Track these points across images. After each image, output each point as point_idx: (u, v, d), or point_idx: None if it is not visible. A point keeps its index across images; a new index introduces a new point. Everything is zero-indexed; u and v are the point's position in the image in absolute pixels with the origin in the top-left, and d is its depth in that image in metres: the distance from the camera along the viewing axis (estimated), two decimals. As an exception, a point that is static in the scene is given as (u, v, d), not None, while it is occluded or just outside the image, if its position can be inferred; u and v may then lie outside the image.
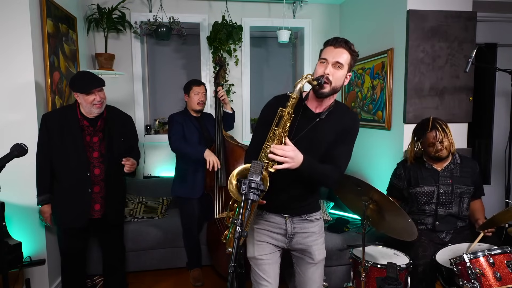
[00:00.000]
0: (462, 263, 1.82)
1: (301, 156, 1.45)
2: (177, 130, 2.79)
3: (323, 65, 1.52)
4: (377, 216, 2.03)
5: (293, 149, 1.44)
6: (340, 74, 1.51)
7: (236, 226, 1.24)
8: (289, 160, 1.42)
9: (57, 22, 2.69)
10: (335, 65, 1.50)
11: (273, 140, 1.47)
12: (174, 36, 3.59)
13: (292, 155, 1.42)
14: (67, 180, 2.21)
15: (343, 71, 1.52)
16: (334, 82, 1.51)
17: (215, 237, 2.81)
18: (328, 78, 1.49)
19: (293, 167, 1.44)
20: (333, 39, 1.53)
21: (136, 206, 3.26)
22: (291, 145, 1.45)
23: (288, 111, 1.45)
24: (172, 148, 2.76)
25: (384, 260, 2.05)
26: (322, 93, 1.52)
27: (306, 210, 1.70)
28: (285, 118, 1.46)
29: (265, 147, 1.48)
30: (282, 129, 1.46)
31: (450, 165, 2.26)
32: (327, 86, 1.50)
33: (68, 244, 2.32)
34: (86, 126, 2.24)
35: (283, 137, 1.47)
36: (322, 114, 1.58)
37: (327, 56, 1.51)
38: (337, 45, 1.51)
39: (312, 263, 1.71)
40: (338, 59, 1.50)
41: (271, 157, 1.42)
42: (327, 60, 1.51)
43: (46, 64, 2.50)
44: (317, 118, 1.58)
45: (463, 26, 2.60)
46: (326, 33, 3.89)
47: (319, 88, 1.50)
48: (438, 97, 2.62)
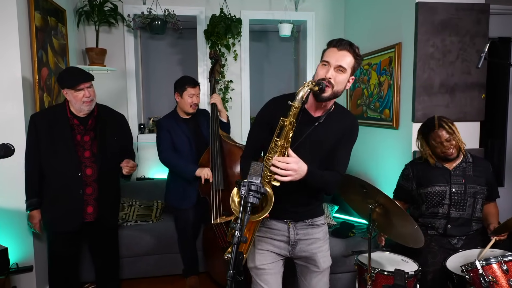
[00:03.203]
0: (474, 270, 1.82)
1: (305, 166, 1.47)
2: (165, 138, 2.77)
3: (325, 68, 1.52)
4: (384, 220, 2.03)
5: (295, 160, 1.45)
6: (342, 78, 1.52)
7: (235, 230, 1.24)
8: (292, 173, 1.43)
9: (45, 15, 2.70)
10: (338, 69, 1.51)
11: (275, 151, 1.48)
12: (169, 30, 3.60)
13: (295, 167, 1.43)
14: (57, 181, 2.22)
15: (346, 75, 1.53)
16: (336, 86, 1.52)
17: (212, 243, 2.81)
18: (330, 82, 1.50)
19: (297, 179, 1.46)
20: (337, 41, 1.53)
21: (129, 209, 3.27)
22: (294, 157, 1.46)
23: (290, 121, 1.46)
24: (161, 160, 2.78)
25: (392, 267, 2.05)
26: (323, 97, 1.53)
27: (309, 215, 1.70)
28: (287, 128, 1.46)
29: (267, 159, 1.49)
30: (284, 140, 1.47)
31: (462, 164, 2.26)
32: (329, 90, 1.51)
33: (59, 249, 2.33)
34: (76, 125, 2.25)
35: (285, 148, 1.48)
36: (320, 118, 1.60)
37: (330, 59, 1.51)
38: (341, 47, 1.51)
39: (317, 271, 1.71)
40: (341, 63, 1.50)
41: (274, 170, 1.43)
42: (329, 63, 1.51)
43: (33, 60, 2.51)
44: (316, 122, 1.59)
45: (475, 19, 2.60)
46: (330, 26, 3.89)
47: (320, 92, 1.51)
48: (449, 94, 2.62)
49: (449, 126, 2.18)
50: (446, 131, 2.17)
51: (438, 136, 2.18)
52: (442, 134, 2.17)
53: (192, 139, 2.83)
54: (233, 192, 1.46)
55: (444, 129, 2.17)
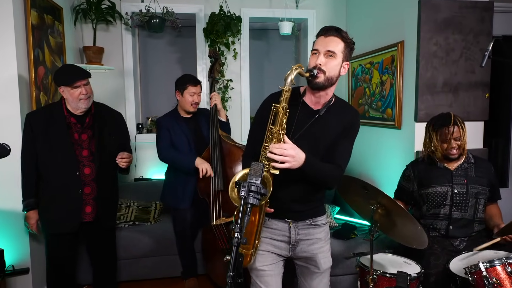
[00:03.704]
0: (478, 272, 1.82)
1: (303, 154, 1.46)
2: (164, 137, 2.78)
3: (315, 56, 1.55)
4: (386, 221, 2.03)
5: (292, 147, 1.45)
6: (333, 63, 1.53)
7: (235, 232, 1.24)
8: (289, 159, 1.42)
9: (42, 12, 2.69)
10: (327, 54, 1.52)
11: (271, 139, 1.48)
12: (168, 28, 3.59)
13: (292, 153, 1.43)
14: (55, 181, 2.22)
15: (337, 59, 1.54)
16: (328, 72, 1.52)
17: (211, 245, 2.81)
18: (321, 68, 1.51)
19: (295, 166, 1.45)
20: (323, 29, 1.57)
21: (127, 210, 3.26)
22: (289, 143, 1.46)
23: (282, 106, 1.47)
24: (161, 158, 2.78)
25: (394, 269, 2.05)
26: (317, 83, 1.53)
27: (311, 214, 1.70)
28: (280, 114, 1.47)
29: (264, 148, 1.49)
30: (279, 126, 1.47)
31: (464, 165, 2.27)
32: (321, 75, 1.52)
33: (57, 250, 2.32)
34: (73, 123, 2.24)
35: (281, 135, 1.48)
36: (321, 111, 1.60)
37: (318, 46, 1.54)
38: (327, 34, 1.54)
39: (318, 272, 1.71)
40: (329, 48, 1.52)
41: (270, 157, 1.43)
42: (318, 50, 1.54)
43: (30, 58, 2.51)
44: (316, 114, 1.60)
45: (479, 17, 2.59)
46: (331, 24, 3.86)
47: (312, 78, 1.52)
48: (452, 93, 2.62)
49: (462, 126, 2.20)
50: (458, 129, 2.18)
51: (450, 132, 2.18)
52: (455, 131, 2.18)
53: (192, 138, 2.83)
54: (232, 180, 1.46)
55: (457, 127, 2.18)
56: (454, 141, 2.19)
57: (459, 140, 2.19)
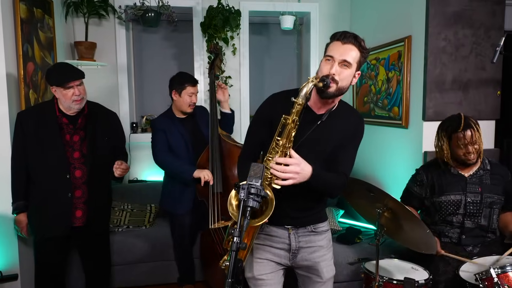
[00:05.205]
0: (489, 278, 1.81)
1: (309, 168, 1.45)
2: (160, 140, 2.77)
3: (328, 63, 1.52)
4: (393, 225, 2.03)
5: (298, 163, 1.43)
6: (347, 73, 1.51)
7: (234, 236, 1.24)
8: (293, 176, 1.41)
9: (31, 6, 2.69)
10: (342, 64, 1.50)
11: (276, 152, 1.47)
12: (163, 22, 3.60)
13: (297, 169, 1.42)
14: (45, 183, 2.22)
15: (351, 70, 1.52)
16: (340, 82, 1.50)
17: (210, 250, 2.81)
18: (334, 79, 1.49)
19: (300, 181, 1.44)
20: (341, 33, 1.52)
21: (120, 214, 3.26)
22: (296, 158, 1.44)
23: (293, 119, 1.45)
24: (157, 162, 2.78)
25: (401, 275, 2.05)
26: (327, 93, 1.52)
27: (312, 220, 1.70)
28: (289, 126, 1.45)
29: (267, 160, 1.48)
30: (286, 139, 1.46)
31: (479, 171, 2.25)
32: (333, 86, 1.50)
33: (47, 256, 2.32)
34: (65, 124, 2.25)
35: (287, 149, 1.47)
36: (323, 116, 1.59)
37: (334, 53, 1.51)
38: (345, 40, 1.50)
39: (320, 282, 1.70)
40: (346, 57, 1.49)
41: (274, 173, 1.42)
42: (333, 58, 1.50)
43: (18, 54, 2.50)
44: (319, 120, 1.59)
45: (490, 11, 2.59)
46: (335, 18, 3.89)
47: (324, 89, 1.50)
48: (462, 91, 2.62)
49: (476, 128, 2.14)
50: (473, 133, 2.13)
51: (463, 137, 2.13)
52: (468, 135, 2.12)
53: (189, 140, 2.83)
54: (231, 194, 1.45)
55: (471, 130, 2.13)
56: (471, 146, 2.14)
57: (475, 143, 2.14)
